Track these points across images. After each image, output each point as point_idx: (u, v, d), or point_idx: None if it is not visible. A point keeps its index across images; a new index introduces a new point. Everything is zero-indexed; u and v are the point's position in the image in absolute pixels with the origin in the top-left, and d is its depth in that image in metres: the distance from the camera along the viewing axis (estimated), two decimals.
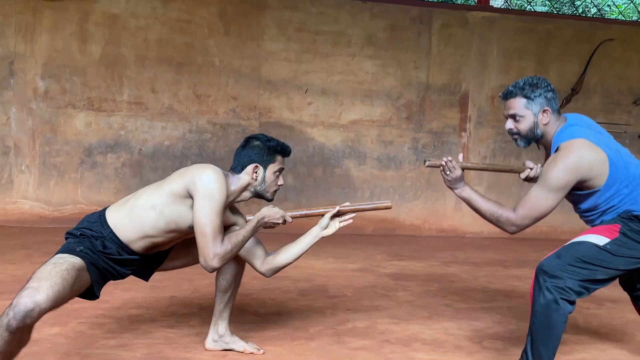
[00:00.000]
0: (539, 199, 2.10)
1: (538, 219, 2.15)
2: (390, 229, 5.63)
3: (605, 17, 9.14)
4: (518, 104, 2.15)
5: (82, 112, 5.15)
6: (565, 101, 5.83)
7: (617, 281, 2.33)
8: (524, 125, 2.18)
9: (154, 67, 5.22)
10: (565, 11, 9.98)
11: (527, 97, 2.14)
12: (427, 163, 2.29)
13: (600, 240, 2.06)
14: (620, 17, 9.31)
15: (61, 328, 2.56)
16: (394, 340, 2.64)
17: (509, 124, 2.21)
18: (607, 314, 3.22)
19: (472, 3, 7.21)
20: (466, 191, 2.22)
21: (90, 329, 2.57)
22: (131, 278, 3.44)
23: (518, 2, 9.24)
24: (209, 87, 5.31)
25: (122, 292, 3.17)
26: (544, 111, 2.15)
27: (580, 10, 9.78)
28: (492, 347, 2.61)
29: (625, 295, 3.65)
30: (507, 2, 6.72)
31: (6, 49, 5.01)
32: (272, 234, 5.25)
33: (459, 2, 9.73)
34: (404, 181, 5.67)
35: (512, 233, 2.23)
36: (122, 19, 5.15)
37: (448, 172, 2.18)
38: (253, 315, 2.89)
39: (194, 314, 2.87)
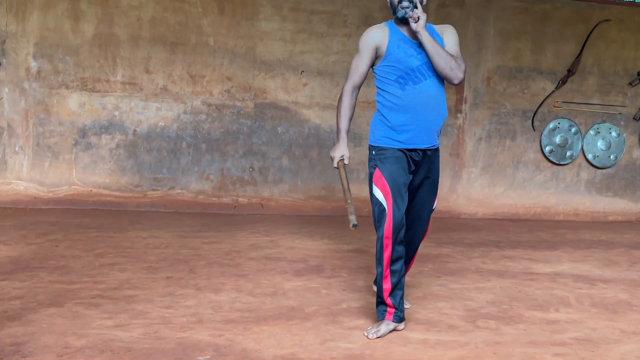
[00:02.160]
0: (460, 53, 2.56)
1: None
2: None
3: None
4: None
5: (75, 92, 5.10)
6: (561, 82, 5.82)
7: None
8: None
9: (148, 47, 5.16)
10: None
11: None
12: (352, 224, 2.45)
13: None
14: None
15: (57, 309, 2.58)
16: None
17: None
18: (599, 294, 3.27)
19: None
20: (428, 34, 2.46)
21: (86, 309, 2.59)
22: (127, 259, 3.46)
23: None
24: (203, 67, 5.26)
25: (118, 273, 3.18)
26: None
27: None
28: (486, 326, 2.65)
29: (616, 276, 3.71)
30: None
31: None
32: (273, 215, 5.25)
33: None
34: None
35: (457, 83, 2.51)
36: None
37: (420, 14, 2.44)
38: (249, 296, 2.91)
39: (190, 295, 2.89)
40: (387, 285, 2.47)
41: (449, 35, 2.57)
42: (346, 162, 2.66)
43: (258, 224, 4.88)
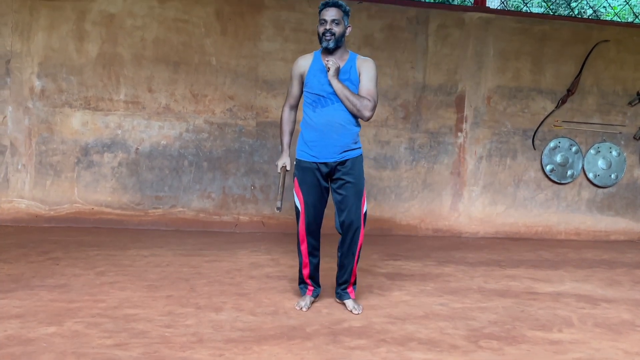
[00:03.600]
0: (374, 88, 2.97)
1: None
2: (387, 229, 5.64)
3: (601, 18, 9.18)
4: (339, 13, 2.90)
5: (78, 111, 5.14)
6: (561, 102, 5.86)
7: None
8: (339, 30, 2.90)
9: (151, 67, 5.21)
10: (561, 12, 10.04)
11: (345, 12, 2.94)
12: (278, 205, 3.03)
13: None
14: (615, 18, 9.35)
15: (57, 327, 2.56)
16: (390, 339, 2.65)
17: (329, 25, 2.88)
18: (602, 314, 3.25)
19: (469, 4, 7.24)
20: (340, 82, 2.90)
21: (86, 328, 2.57)
22: (127, 277, 3.45)
23: (514, 3, 9.28)
24: (205, 86, 5.31)
25: (118, 292, 3.17)
26: (349, 27, 2.96)
27: (576, 12, 9.82)
28: (488, 346, 2.63)
29: (619, 295, 3.69)
30: (503, 3, 6.74)
31: (2, 47, 5.00)
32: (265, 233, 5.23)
33: (456, 3, 9.75)
34: (400, 181, 5.68)
35: (367, 119, 2.96)
36: (119, 18, 5.14)
37: (330, 65, 2.86)
38: (249, 315, 2.90)
39: (190, 314, 2.87)
40: (306, 271, 3.11)
41: (366, 71, 2.97)
42: (288, 168, 3.17)
43: (259, 242, 4.87)
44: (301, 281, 3.17)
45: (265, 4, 5.35)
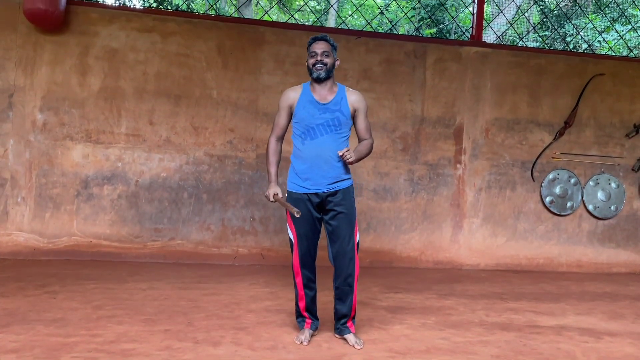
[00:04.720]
0: (368, 122, 3.17)
1: None
2: (387, 261, 5.61)
3: (596, 52, 9.35)
4: (328, 46, 3.02)
5: (79, 144, 5.18)
6: (558, 134, 5.90)
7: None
8: (329, 61, 3.00)
9: (152, 100, 5.28)
10: (557, 47, 10.22)
11: (333, 46, 3.05)
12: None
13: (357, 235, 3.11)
14: (610, 52, 9.52)
15: None
16: None
17: (319, 57, 2.99)
18: (605, 348, 3.20)
19: (466, 39, 7.37)
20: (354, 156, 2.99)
21: None
22: (125, 311, 3.41)
23: (510, 38, 9.46)
24: (206, 119, 5.36)
25: (115, 326, 3.13)
26: (337, 60, 3.08)
27: (571, 46, 10.00)
28: None
29: (622, 329, 3.65)
30: (499, 37, 6.86)
31: (6, 82, 5.07)
32: (271, 266, 5.21)
33: (453, 38, 9.95)
34: (400, 213, 5.68)
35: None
36: (121, 53, 5.23)
37: (349, 158, 2.93)
38: (248, 350, 2.86)
39: (188, 348, 2.83)
40: (302, 304, 3.11)
41: (359, 109, 3.09)
42: (280, 195, 3.10)
43: (258, 274, 4.84)
44: (298, 314, 3.16)
45: (265, 38, 5.45)
